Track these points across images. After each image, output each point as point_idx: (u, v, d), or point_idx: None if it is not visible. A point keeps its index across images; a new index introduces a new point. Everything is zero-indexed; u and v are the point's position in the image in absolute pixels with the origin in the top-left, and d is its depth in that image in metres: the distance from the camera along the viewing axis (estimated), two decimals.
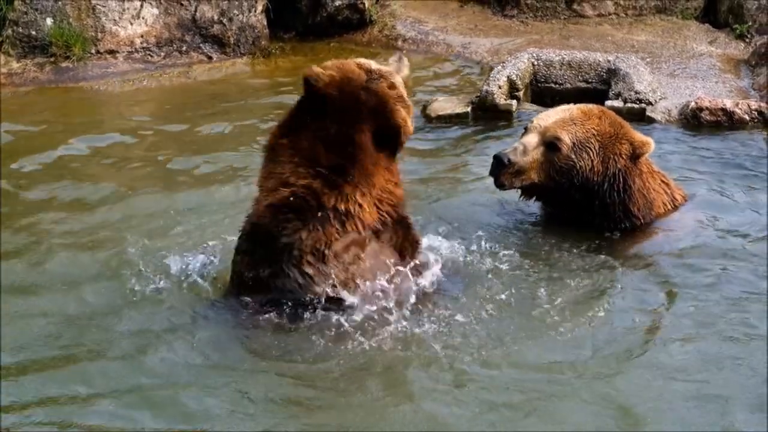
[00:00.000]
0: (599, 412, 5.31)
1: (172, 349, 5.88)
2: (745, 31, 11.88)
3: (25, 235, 7.40)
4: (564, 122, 6.90)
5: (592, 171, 6.86)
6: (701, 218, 7.26)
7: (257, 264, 5.97)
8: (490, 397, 5.42)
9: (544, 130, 6.91)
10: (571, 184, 6.88)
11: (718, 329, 6.02)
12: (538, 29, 12.50)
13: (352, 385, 5.58)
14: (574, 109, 7.03)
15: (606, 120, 6.95)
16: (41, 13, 11.44)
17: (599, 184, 6.89)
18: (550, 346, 5.86)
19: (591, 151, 6.84)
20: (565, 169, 6.86)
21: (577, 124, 6.88)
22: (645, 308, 6.29)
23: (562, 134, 6.84)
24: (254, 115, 9.99)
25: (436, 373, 5.62)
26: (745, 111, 9.38)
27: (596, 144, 6.84)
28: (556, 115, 6.99)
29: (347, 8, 12.35)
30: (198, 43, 11.91)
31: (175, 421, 5.28)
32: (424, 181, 8.08)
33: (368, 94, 6.01)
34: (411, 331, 5.94)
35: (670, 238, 7.05)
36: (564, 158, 6.84)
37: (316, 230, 5.89)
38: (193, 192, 8.13)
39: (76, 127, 9.84)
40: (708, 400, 5.38)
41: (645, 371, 5.64)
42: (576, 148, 6.83)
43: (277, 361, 5.77)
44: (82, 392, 5.52)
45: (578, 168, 6.84)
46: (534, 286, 6.43)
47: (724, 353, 5.77)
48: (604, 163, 6.86)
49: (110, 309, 6.29)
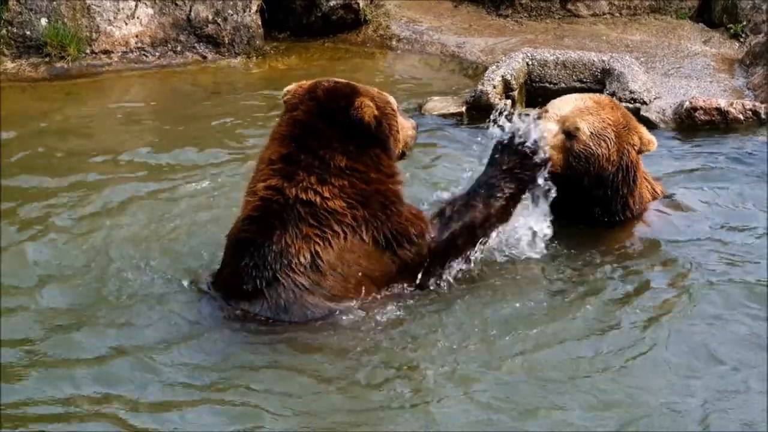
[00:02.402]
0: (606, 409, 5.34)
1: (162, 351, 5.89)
2: (739, 30, 11.89)
3: (20, 232, 7.41)
4: (581, 111, 6.89)
5: (608, 161, 6.85)
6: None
7: (248, 277, 5.96)
8: (491, 397, 5.44)
9: (563, 118, 6.88)
10: (587, 172, 6.86)
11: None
12: (532, 29, 12.50)
13: (349, 386, 5.59)
14: (587, 98, 7.03)
15: (618, 110, 6.98)
16: (36, 13, 11.43)
17: (613, 174, 6.89)
18: (548, 346, 5.90)
19: (608, 141, 6.84)
20: (583, 158, 6.84)
21: (593, 114, 6.88)
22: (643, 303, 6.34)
23: (581, 123, 6.84)
24: (249, 115, 9.99)
25: (435, 374, 5.64)
26: (740, 110, 9.40)
27: (612, 134, 6.85)
28: (572, 103, 6.98)
29: (342, 8, 12.33)
30: (193, 42, 11.90)
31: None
32: (419, 181, 8.08)
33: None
34: (405, 330, 5.96)
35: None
36: (583, 146, 6.84)
37: (296, 233, 5.89)
38: (189, 192, 8.12)
39: (71, 127, 9.83)
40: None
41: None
42: (594, 137, 6.82)
43: (275, 364, 5.78)
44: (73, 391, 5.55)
45: (596, 156, 6.83)
46: (531, 281, 6.50)
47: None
48: (619, 153, 6.87)
49: (101, 305, 6.31)
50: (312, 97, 6.13)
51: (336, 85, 6.19)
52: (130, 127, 9.89)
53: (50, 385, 5.59)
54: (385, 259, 6.10)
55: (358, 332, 5.91)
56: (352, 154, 6.05)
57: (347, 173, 6.03)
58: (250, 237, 5.98)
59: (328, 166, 6.01)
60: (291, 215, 5.92)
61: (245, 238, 6.00)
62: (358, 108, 6.03)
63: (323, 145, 6.03)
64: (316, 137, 6.04)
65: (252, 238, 5.96)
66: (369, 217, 6.04)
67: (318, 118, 6.07)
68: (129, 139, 9.46)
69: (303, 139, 6.05)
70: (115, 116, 10.37)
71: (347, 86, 6.19)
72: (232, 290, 6.05)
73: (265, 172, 6.10)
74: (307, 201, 5.94)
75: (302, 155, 6.03)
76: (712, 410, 5.31)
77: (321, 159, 6.01)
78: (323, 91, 6.14)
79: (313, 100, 6.12)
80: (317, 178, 5.98)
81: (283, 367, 5.74)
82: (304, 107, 6.12)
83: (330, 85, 6.17)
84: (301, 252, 5.89)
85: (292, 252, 5.88)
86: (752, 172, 8.31)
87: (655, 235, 7.09)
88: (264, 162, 6.16)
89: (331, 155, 6.02)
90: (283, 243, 5.89)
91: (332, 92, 6.13)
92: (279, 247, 5.89)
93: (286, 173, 6.01)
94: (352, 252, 5.98)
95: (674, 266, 6.80)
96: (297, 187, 5.96)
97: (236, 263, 6.01)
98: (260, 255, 5.90)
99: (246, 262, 5.94)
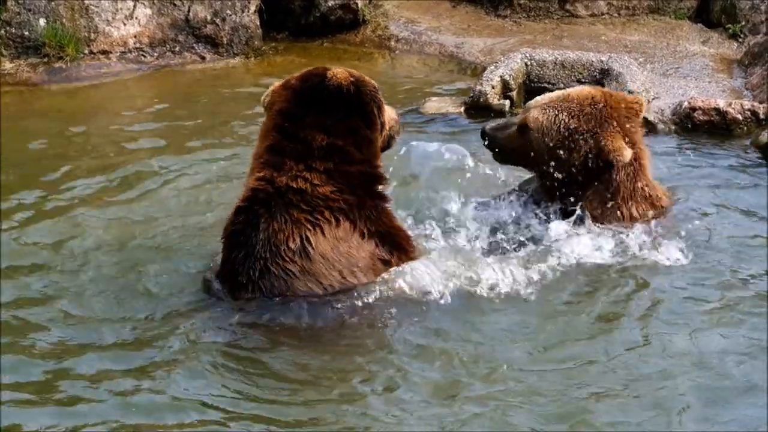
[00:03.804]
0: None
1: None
2: (738, 30, 11.89)
3: (17, 233, 7.41)
4: (547, 104, 6.90)
5: (560, 158, 6.80)
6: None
7: (242, 268, 6.00)
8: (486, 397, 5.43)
9: (525, 109, 7.02)
10: (546, 161, 6.85)
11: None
12: (531, 29, 12.50)
13: (343, 386, 5.59)
14: (571, 92, 7.02)
15: (587, 113, 6.82)
16: (34, 14, 11.42)
17: (575, 175, 6.81)
18: (544, 345, 5.91)
19: (559, 133, 6.79)
20: (535, 149, 6.84)
21: (557, 108, 6.86)
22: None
23: (538, 115, 6.84)
24: (247, 115, 9.98)
25: (431, 373, 5.64)
26: (739, 111, 9.39)
27: (559, 134, 6.79)
28: (548, 97, 7.01)
29: (340, 8, 12.33)
30: (191, 43, 11.90)
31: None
32: (415, 181, 8.07)
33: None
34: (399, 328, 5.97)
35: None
36: (534, 139, 6.84)
37: (284, 218, 5.91)
38: (185, 192, 8.13)
39: (69, 128, 9.82)
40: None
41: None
42: (544, 129, 6.81)
43: (270, 360, 5.79)
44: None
45: (546, 148, 6.80)
46: (528, 279, 6.49)
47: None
48: (577, 147, 6.77)
49: (108, 307, 6.34)
50: (286, 87, 6.21)
51: (308, 70, 6.27)
52: (128, 127, 9.88)
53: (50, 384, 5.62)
54: (374, 256, 6.12)
55: (350, 328, 5.93)
56: (330, 128, 6.05)
57: (329, 153, 6.03)
58: (240, 228, 6.03)
59: (310, 147, 6.03)
60: (279, 202, 5.96)
61: (236, 230, 6.06)
62: (332, 77, 6.08)
63: (302, 127, 6.05)
64: (295, 121, 6.07)
65: (242, 230, 6.02)
66: (358, 204, 6.06)
67: (294, 104, 6.11)
68: (126, 140, 9.45)
69: (284, 127, 6.09)
70: (112, 117, 10.37)
71: (319, 68, 6.25)
72: (231, 283, 6.10)
73: (255, 166, 6.17)
74: (297, 189, 5.98)
75: (286, 143, 6.07)
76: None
77: (303, 142, 6.04)
78: (296, 79, 6.22)
79: (288, 89, 6.19)
80: (305, 166, 6.02)
81: (276, 366, 5.76)
82: (281, 98, 6.18)
83: (302, 72, 6.26)
84: (290, 238, 5.92)
85: (280, 238, 5.92)
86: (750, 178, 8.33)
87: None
88: (253, 158, 6.23)
89: (311, 135, 6.03)
90: (271, 230, 5.93)
91: (305, 75, 6.21)
92: (266, 235, 5.94)
93: (275, 163, 6.05)
94: (343, 240, 5.98)
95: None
96: (287, 176, 6.00)
97: (231, 256, 6.06)
98: (250, 245, 5.95)
99: (236, 254, 6.01)
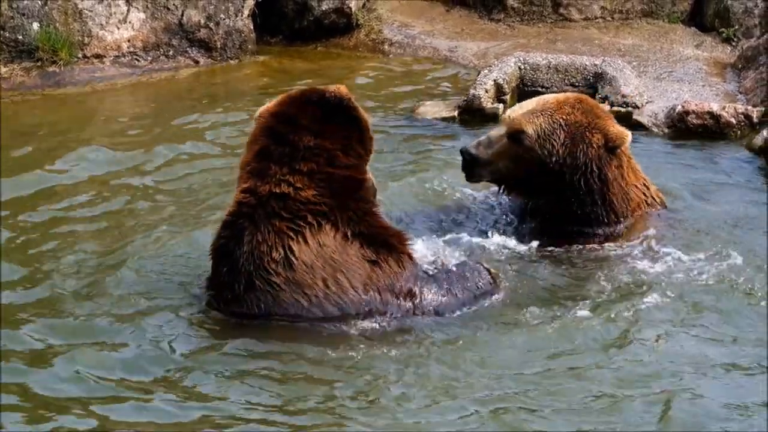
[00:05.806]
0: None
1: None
2: (731, 34, 11.90)
3: (15, 235, 7.43)
4: (532, 113, 6.87)
5: (558, 162, 6.80)
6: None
7: (228, 283, 5.99)
8: (481, 399, 5.44)
9: (510, 121, 6.91)
10: (541, 172, 6.83)
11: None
12: (524, 33, 12.51)
13: (340, 389, 5.59)
14: (549, 98, 7.01)
15: (579, 109, 6.88)
16: (28, 18, 11.40)
17: (570, 174, 6.82)
18: (543, 345, 5.93)
19: (555, 141, 6.79)
20: (529, 160, 6.82)
21: (544, 115, 6.85)
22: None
23: (527, 126, 6.83)
24: (240, 120, 9.97)
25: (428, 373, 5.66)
26: (732, 114, 9.41)
27: (562, 134, 6.80)
28: (528, 106, 6.97)
29: (334, 12, 12.33)
30: (185, 47, 11.89)
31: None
32: (409, 185, 8.08)
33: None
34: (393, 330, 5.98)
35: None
36: (527, 149, 6.83)
37: (267, 229, 5.90)
38: (183, 195, 8.15)
39: (62, 132, 9.82)
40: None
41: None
42: (540, 139, 6.81)
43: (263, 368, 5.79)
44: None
45: (542, 157, 6.80)
46: (524, 281, 6.55)
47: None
48: (572, 153, 6.80)
49: (105, 313, 6.32)
50: (282, 101, 6.15)
51: (305, 88, 6.30)
52: (121, 131, 9.88)
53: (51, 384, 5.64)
54: (360, 257, 6.04)
55: (340, 340, 5.92)
56: (322, 131, 6.01)
57: (315, 154, 5.98)
58: (225, 243, 6.02)
59: (297, 149, 5.98)
60: (262, 213, 5.93)
61: (222, 244, 6.05)
62: (334, 90, 6.08)
63: (294, 129, 6.00)
64: (288, 123, 6.02)
65: (226, 244, 6.01)
66: (339, 206, 5.99)
67: (291, 107, 6.07)
68: (120, 144, 9.44)
69: (275, 130, 6.04)
70: (106, 121, 10.36)
71: (316, 87, 6.27)
72: (219, 298, 6.09)
73: (242, 176, 6.13)
74: (280, 194, 5.93)
75: (274, 147, 6.01)
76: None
77: (291, 144, 5.99)
78: (295, 92, 6.20)
79: (284, 97, 6.15)
80: (288, 168, 5.97)
81: (273, 372, 5.75)
82: (277, 103, 6.14)
83: (299, 89, 6.28)
84: (274, 248, 5.89)
85: (264, 250, 5.89)
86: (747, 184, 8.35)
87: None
88: (241, 167, 6.19)
89: (300, 136, 5.98)
90: (254, 242, 5.91)
91: (302, 90, 6.22)
92: (250, 248, 5.91)
93: (259, 171, 6.00)
94: (326, 245, 5.96)
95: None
96: (270, 183, 5.95)
97: (218, 270, 6.06)
98: (234, 258, 5.94)
99: (223, 268, 6.00)
